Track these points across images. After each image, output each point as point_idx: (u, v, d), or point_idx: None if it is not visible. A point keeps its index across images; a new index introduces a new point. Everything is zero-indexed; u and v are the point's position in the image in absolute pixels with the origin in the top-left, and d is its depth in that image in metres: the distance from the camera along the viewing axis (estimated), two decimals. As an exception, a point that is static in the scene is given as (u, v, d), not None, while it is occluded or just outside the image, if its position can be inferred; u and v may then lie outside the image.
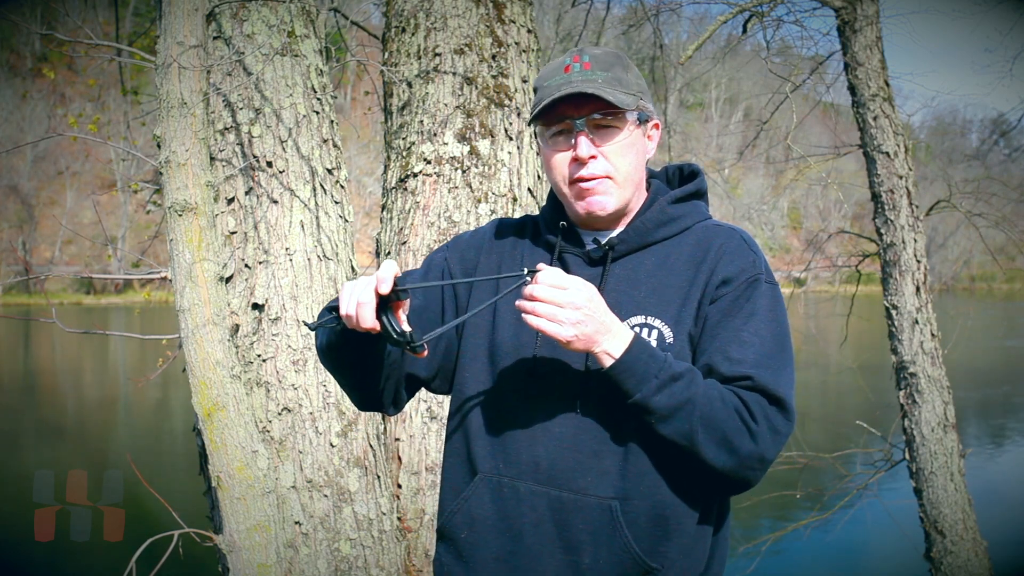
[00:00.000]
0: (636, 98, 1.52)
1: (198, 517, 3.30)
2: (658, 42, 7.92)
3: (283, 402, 3.18)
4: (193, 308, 2.51)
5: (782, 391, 1.43)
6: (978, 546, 5.17)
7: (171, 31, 2.44)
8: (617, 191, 1.53)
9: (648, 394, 1.38)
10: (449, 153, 3.66)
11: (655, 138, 1.61)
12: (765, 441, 1.40)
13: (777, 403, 1.42)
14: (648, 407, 1.39)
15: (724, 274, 1.50)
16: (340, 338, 1.47)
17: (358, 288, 1.35)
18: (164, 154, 2.49)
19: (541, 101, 1.51)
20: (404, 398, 1.64)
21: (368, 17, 8.28)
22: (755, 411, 1.40)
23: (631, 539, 1.44)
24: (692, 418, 1.38)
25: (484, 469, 1.54)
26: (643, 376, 1.39)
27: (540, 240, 1.64)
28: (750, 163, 23.79)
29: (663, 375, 1.39)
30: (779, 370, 1.45)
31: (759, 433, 1.39)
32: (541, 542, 1.48)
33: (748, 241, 1.56)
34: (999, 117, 26.80)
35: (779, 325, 1.49)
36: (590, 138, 1.50)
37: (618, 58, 1.55)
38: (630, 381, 1.39)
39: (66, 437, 13.11)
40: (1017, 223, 6.93)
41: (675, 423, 1.39)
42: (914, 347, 5.29)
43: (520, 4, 3.90)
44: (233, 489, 2.57)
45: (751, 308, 1.48)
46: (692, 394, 1.39)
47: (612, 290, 1.52)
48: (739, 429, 1.39)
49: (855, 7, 5.42)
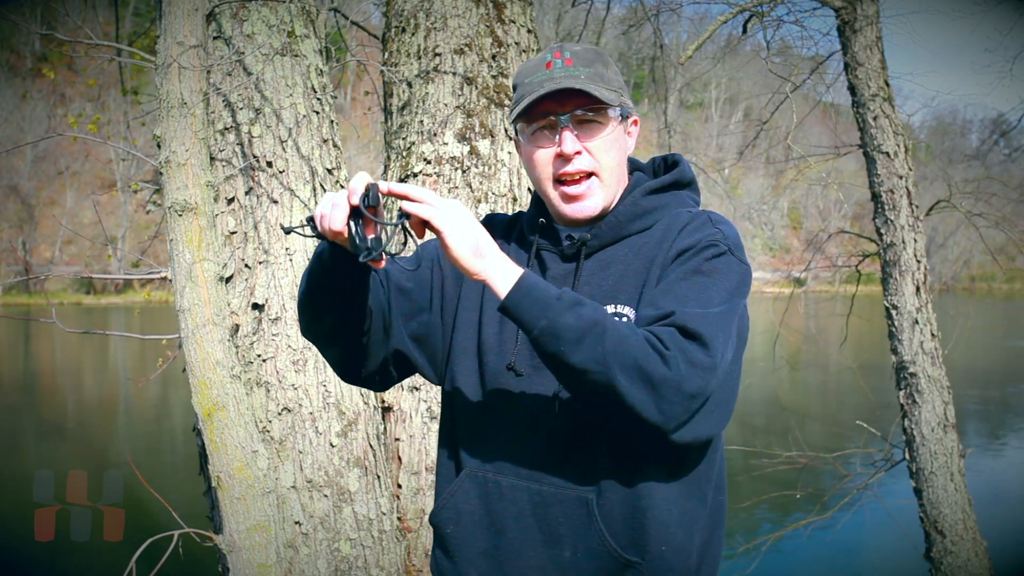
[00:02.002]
0: (618, 94, 1.51)
1: (198, 517, 3.30)
2: (658, 42, 7.92)
3: (283, 402, 3.18)
4: (193, 308, 2.51)
5: (702, 328, 1.32)
6: (978, 546, 5.17)
7: (171, 31, 2.44)
8: (602, 189, 1.52)
9: (555, 316, 1.30)
10: (449, 153, 3.66)
11: (634, 134, 1.60)
12: (679, 368, 1.29)
13: (694, 337, 1.32)
14: (556, 330, 1.30)
15: (681, 246, 1.46)
16: (320, 267, 1.45)
17: (336, 195, 1.35)
18: (164, 154, 2.49)
19: (523, 98, 1.50)
20: (393, 375, 1.62)
21: (368, 17, 8.28)
22: (666, 340, 1.31)
23: (605, 532, 1.43)
24: (604, 340, 1.29)
25: (469, 464, 1.55)
26: (546, 299, 1.32)
27: (523, 238, 1.64)
28: (750, 163, 23.78)
29: (566, 298, 1.32)
30: (706, 313, 1.35)
31: (672, 359, 1.29)
32: (523, 536, 1.49)
33: (715, 219, 1.51)
34: (999, 117, 26.77)
35: (727, 291, 1.41)
36: (575, 134, 1.48)
37: (598, 55, 1.54)
38: (533, 307, 1.31)
39: (66, 437, 13.11)
40: (1017, 223, 6.92)
41: (585, 347, 1.29)
42: (914, 347, 5.28)
43: (520, 4, 3.90)
44: (233, 489, 2.57)
45: (696, 266, 1.42)
46: (599, 316, 1.32)
47: (585, 284, 1.51)
48: (649, 354, 1.29)
49: (855, 7, 5.42)
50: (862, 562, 7.87)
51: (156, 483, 2.94)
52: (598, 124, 1.50)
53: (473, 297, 1.60)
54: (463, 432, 1.57)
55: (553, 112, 1.48)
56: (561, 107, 1.48)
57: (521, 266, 1.54)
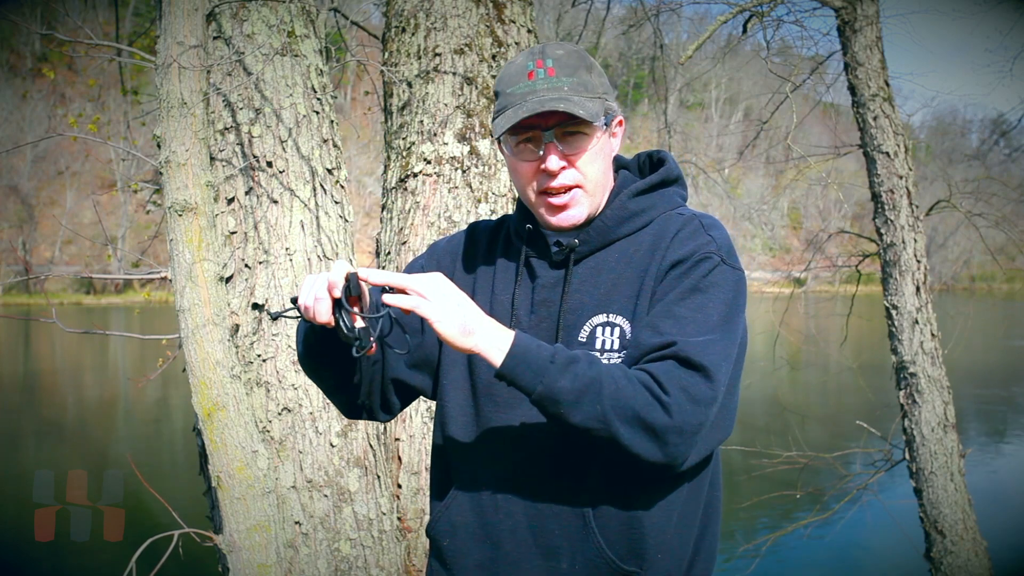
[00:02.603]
0: (602, 101, 1.48)
1: (198, 517, 3.30)
2: (658, 42, 7.92)
3: (283, 402, 3.18)
4: (193, 308, 2.51)
5: (705, 359, 1.32)
6: (978, 546, 5.17)
7: (171, 31, 2.44)
8: (587, 200, 1.50)
9: (551, 380, 1.30)
10: (449, 153, 3.66)
11: (620, 134, 1.57)
12: (682, 411, 1.30)
13: (697, 368, 1.32)
14: (554, 395, 1.30)
15: (674, 257, 1.44)
16: (314, 337, 1.46)
17: (317, 283, 1.34)
18: (164, 154, 2.49)
19: (505, 109, 1.47)
20: (396, 404, 1.62)
21: (368, 17, 8.29)
22: (664, 381, 1.30)
23: (604, 545, 1.43)
24: (602, 398, 1.29)
25: (462, 477, 1.54)
26: (541, 364, 1.31)
27: (511, 245, 1.62)
28: (750, 163, 23.77)
29: (560, 359, 1.32)
30: (709, 341, 1.35)
31: (672, 404, 1.29)
32: (519, 549, 1.47)
33: (707, 225, 1.49)
34: (999, 117, 26.80)
35: (726, 305, 1.40)
36: (559, 150, 1.46)
37: (581, 58, 1.50)
38: (528, 373, 1.31)
39: (66, 437, 13.11)
40: (1017, 223, 6.92)
41: (585, 406, 1.30)
42: (914, 347, 5.29)
43: (520, 4, 3.90)
44: (233, 489, 2.57)
45: (693, 283, 1.41)
46: (596, 373, 1.31)
47: (576, 291, 1.50)
48: (649, 403, 1.29)
49: (855, 7, 5.42)
50: (862, 562, 7.87)
51: (156, 483, 2.94)
52: (583, 136, 1.47)
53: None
54: (455, 444, 1.56)
55: (537, 126, 1.46)
56: (545, 121, 1.45)
57: (510, 274, 1.53)
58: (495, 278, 1.60)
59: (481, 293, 1.60)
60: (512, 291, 1.56)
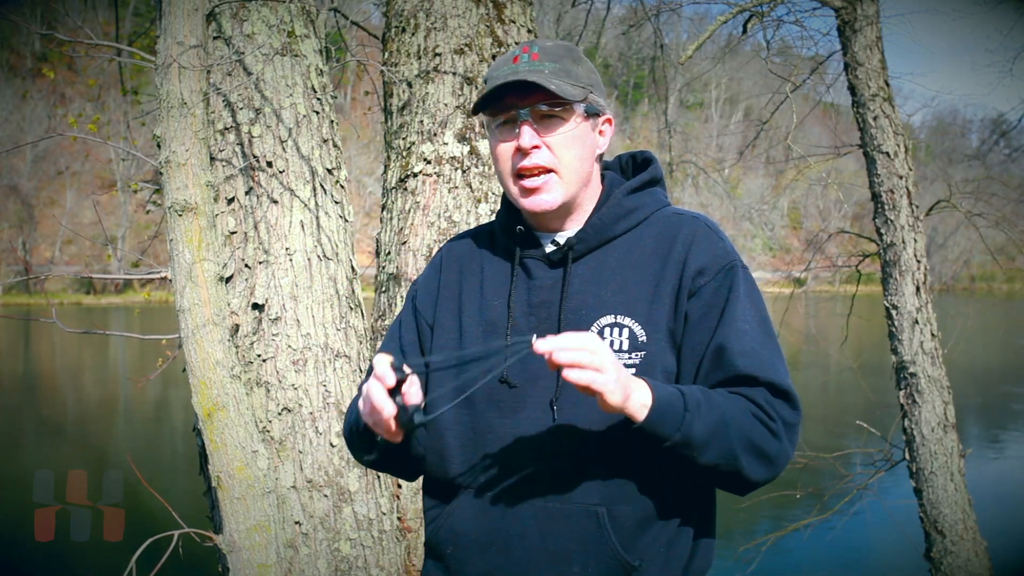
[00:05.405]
0: (585, 91, 1.48)
1: (198, 517, 3.30)
2: (658, 42, 7.93)
3: (283, 402, 3.18)
4: (193, 308, 2.51)
5: (788, 384, 1.42)
6: (978, 546, 5.17)
7: (171, 31, 2.44)
8: (561, 186, 1.49)
9: (688, 429, 1.32)
10: (449, 153, 3.67)
11: (607, 133, 1.57)
12: (785, 437, 1.40)
13: (784, 396, 1.41)
14: (688, 441, 1.33)
15: (697, 265, 1.46)
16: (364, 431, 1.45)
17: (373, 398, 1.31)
18: (164, 154, 2.49)
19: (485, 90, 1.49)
20: None
21: (368, 17, 8.29)
22: (768, 409, 1.38)
23: (618, 545, 1.41)
24: (730, 436, 1.35)
25: (464, 483, 1.51)
26: (676, 416, 1.32)
27: (499, 248, 1.60)
28: (750, 163, 23.80)
29: (690, 403, 1.33)
30: (777, 359, 1.44)
31: (778, 430, 1.38)
32: (528, 555, 1.45)
33: (713, 227, 1.52)
34: (999, 117, 26.80)
35: (760, 309, 1.47)
36: (534, 128, 1.47)
37: (569, 51, 1.52)
38: (667, 426, 1.32)
39: (66, 437, 13.12)
40: (1017, 223, 6.93)
41: (716, 447, 1.34)
42: (914, 347, 5.29)
43: (520, 4, 3.90)
44: (233, 489, 2.57)
45: (735, 295, 1.45)
46: (721, 412, 1.35)
47: (577, 292, 1.49)
48: (763, 432, 1.37)
49: (855, 7, 5.42)
50: (862, 562, 7.87)
51: (156, 483, 2.94)
52: (560, 119, 1.47)
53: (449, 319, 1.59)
54: (452, 449, 1.53)
55: (514, 106, 1.47)
56: (522, 101, 1.46)
57: (503, 276, 1.54)
58: (484, 284, 1.58)
59: (469, 302, 1.58)
60: (507, 294, 1.54)
